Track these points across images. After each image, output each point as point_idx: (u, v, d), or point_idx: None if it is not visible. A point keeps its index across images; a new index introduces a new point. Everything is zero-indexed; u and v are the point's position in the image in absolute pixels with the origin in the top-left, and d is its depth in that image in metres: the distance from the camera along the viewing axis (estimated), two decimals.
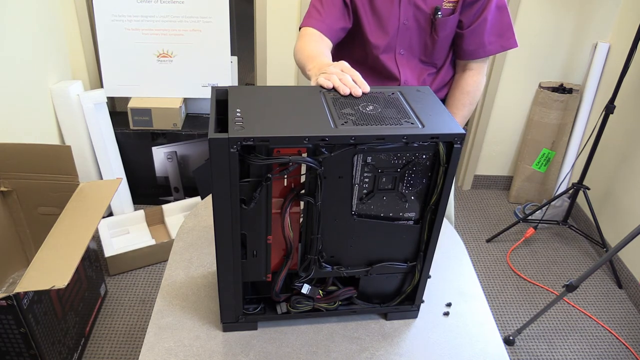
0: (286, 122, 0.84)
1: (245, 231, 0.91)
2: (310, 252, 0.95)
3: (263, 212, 0.89)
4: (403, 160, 0.88)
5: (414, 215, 0.95)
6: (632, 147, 2.39)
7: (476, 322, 1.07)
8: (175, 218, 2.50)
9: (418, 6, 1.37)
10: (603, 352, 2.05)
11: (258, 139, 0.80)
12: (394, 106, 0.92)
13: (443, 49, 1.44)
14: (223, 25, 2.41)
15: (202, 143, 2.57)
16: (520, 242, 2.63)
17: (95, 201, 1.68)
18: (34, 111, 2.18)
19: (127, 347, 1.94)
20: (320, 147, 0.83)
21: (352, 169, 0.87)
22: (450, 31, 1.40)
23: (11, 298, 1.45)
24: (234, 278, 0.95)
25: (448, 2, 1.36)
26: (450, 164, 0.88)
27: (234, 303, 0.98)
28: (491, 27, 1.39)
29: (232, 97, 0.92)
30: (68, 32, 2.46)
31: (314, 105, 0.91)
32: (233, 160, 0.81)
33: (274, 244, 0.94)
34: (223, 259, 0.92)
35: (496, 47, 1.41)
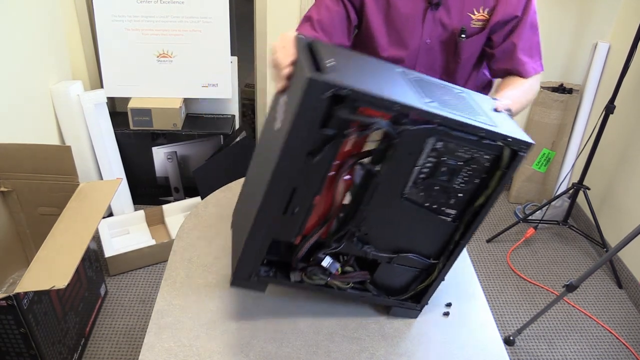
0: (377, 84, 0.83)
1: (298, 186, 0.87)
2: (350, 224, 0.93)
3: (323, 169, 0.86)
4: (467, 154, 0.88)
5: (454, 213, 0.95)
6: (632, 147, 2.38)
7: (476, 322, 1.07)
8: (175, 218, 2.50)
9: (444, 25, 1.27)
10: (603, 352, 2.05)
11: (355, 92, 0.77)
12: (465, 102, 0.93)
13: (466, 69, 1.36)
14: (223, 25, 2.41)
15: (202, 143, 2.57)
16: (521, 242, 2.62)
17: (95, 201, 1.68)
18: (34, 111, 2.18)
19: (127, 347, 1.94)
20: (403, 119, 0.82)
21: (420, 150, 0.86)
22: (474, 52, 1.32)
23: (11, 298, 1.45)
24: (267, 233, 0.90)
25: (477, 21, 1.27)
26: (509, 170, 0.88)
27: (253, 259, 0.94)
28: (523, 46, 1.28)
29: (323, 49, 0.90)
30: (68, 32, 2.46)
31: (397, 79, 0.91)
32: (322, 106, 0.78)
33: (315, 207, 0.91)
34: (266, 208, 0.87)
35: (527, 69, 1.30)
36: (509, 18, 1.25)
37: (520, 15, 1.25)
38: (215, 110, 2.69)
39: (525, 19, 1.26)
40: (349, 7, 1.29)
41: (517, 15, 1.25)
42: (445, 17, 1.26)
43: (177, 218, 2.50)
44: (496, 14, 1.25)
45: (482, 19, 1.26)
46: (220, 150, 2.51)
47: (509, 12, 1.24)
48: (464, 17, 1.26)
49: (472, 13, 1.25)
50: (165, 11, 2.37)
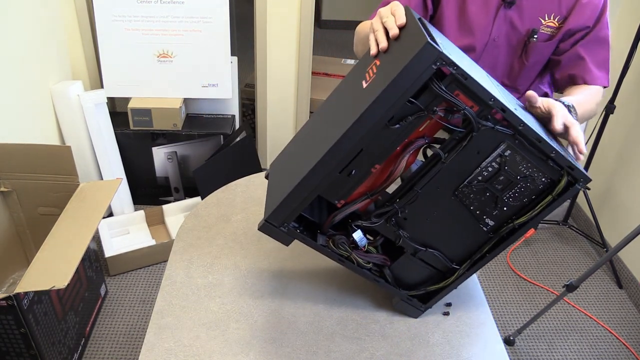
0: (475, 75, 0.83)
1: (365, 148, 0.88)
2: (397, 202, 0.93)
3: (396, 140, 0.88)
4: (528, 171, 0.89)
5: (493, 224, 0.95)
6: (632, 147, 2.38)
7: (476, 322, 1.07)
8: (175, 218, 2.50)
9: (514, 25, 1.28)
10: (603, 352, 2.05)
11: (462, 72, 0.80)
12: (535, 120, 0.93)
13: (530, 74, 1.35)
14: (223, 25, 2.41)
15: (202, 143, 2.57)
16: (520, 242, 2.63)
17: (95, 201, 1.68)
18: (34, 111, 2.18)
19: (127, 347, 1.94)
20: (488, 115, 0.84)
21: (490, 152, 0.88)
22: (542, 58, 1.31)
23: (11, 298, 1.45)
24: (317, 185, 0.90)
25: (547, 27, 1.27)
26: (561, 198, 0.89)
27: (293, 208, 0.92)
28: (591, 56, 1.27)
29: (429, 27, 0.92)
30: (68, 32, 2.46)
31: (487, 79, 0.92)
32: (427, 74, 0.79)
33: (371, 177, 0.93)
34: (326, 161, 0.87)
35: (593, 76, 1.27)
36: (581, 27, 1.25)
37: (592, 26, 1.24)
38: (215, 110, 2.69)
39: (596, 30, 1.25)
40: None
41: (588, 26, 1.25)
42: (516, 17, 1.26)
43: (177, 218, 2.50)
44: (568, 23, 1.24)
45: (552, 26, 1.26)
46: (220, 150, 2.51)
47: (581, 22, 1.24)
48: (535, 21, 1.26)
49: (544, 18, 1.26)
50: (165, 11, 2.37)
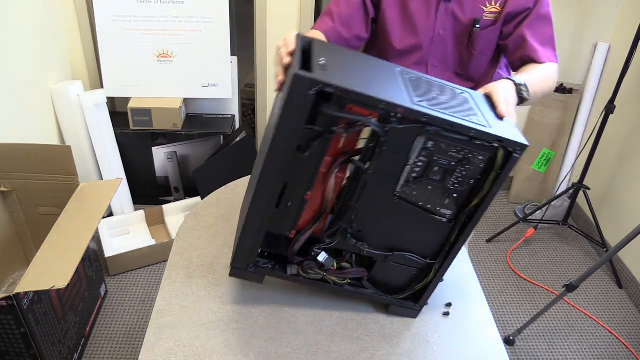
0: (367, 83, 0.85)
1: (289, 180, 0.90)
2: (341, 220, 0.94)
3: (313, 165, 0.89)
4: (460, 155, 0.88)
5: (449, 213, 0.94)
6: (632, 147, 2.38)
7: (476, 322, 1.07)
8: (176, 218, 2.50)
9: (456, 17, 1.30)
10: (603, 352, 2.05)
11: (340, 89, 0.79)
12: (463, 103, 0.93)
13: (481, 62, 1.37)
14: (223, 25, 2.41)
15: (202, 143, 2.57)
16: (521, 242, 2.62)
17: (95, 201, 1.68)
18: (34, 111, 2.18)
19: (127, 347, 1.94)
20: (391, 117, 0.83)
21: (410, 149, 0.87)
22: (489, 44, 1.33)
23: (11, 298, 1.45)
24: (260, 225, 0.93)
25: (490, 13, 1.29)
26: (504, 171, 0.87)
27: (249, 250, 0.96)
28: (534, 35, 1.29)
29: (318, 48, 0.93)
30: (68, 32, 2.46)
31: (392, 78, 0.92)
32: (308, 102, 0.80)
33: (309, 203, 0.94)
34: (258, 201, 0.90)
35: (540, 55, 1.29)
36: (521, 10, 1.27)
37: (532, 6, 1.27)
38: (215, 110, 2.69)
39: (536, 10, 1.27)
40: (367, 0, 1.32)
41: (528, 7, 1.27)
42: (458, 9, 1.28)
43: (177, 218, 2.50)
44: (508, 5, 1.26)
45: (494, 12, 1.28)
46: (220, 150, 2.51)
47: (521, 4, 1.26)
48: (477, 9, 1.28)
49: (485, 5, 1.27)
50: (165, 11, 2.37)
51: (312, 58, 0.86)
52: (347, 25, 1.34)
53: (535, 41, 1.29)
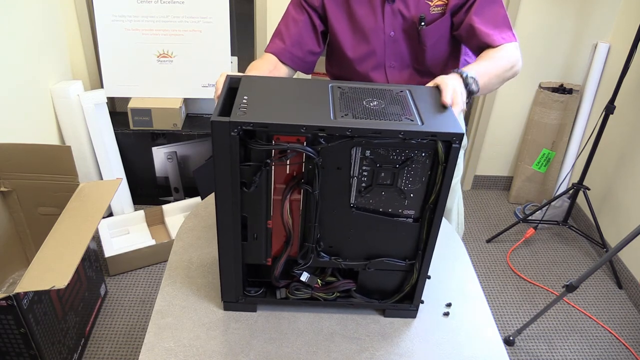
0: (289, 110, 0.87)
1: (247, 214, 0.94)
2: (308, 240, 0.97)
3: (263, 196, 0.92)
4: (402, 156, 0.88)
5: (413, 213, 0.95)
6: (632, 147, 2.39)
7: (476, 322, 1.07)
8: (175, 218, 2.50)
9: (403, 16, 1.29)
10: (603, 352, 2.05)
11: (257, 125, 0.83)
12: (399, 103, 0.93)
13: (436, 55, 1.35)
14: (223, 25, 2.41)
15: (202, 143, 2.57)
16: (520, 242, 2.62)
17: (95, 201, 1.68)
18: (34, 111, 2.18)
19: (127, 347, 1.94)
20: (318, 137, 0.85)
21: (350, 161, 0.88)
22: (440, 37, 1.32)
23: (11, 298, 1.45)
24: (235, 258, 0.98)
25: (435, 7, 1.27)
26: (449, 163, 0.87)
27: (234, 283, 1.01)
28: (484, 18, 1.26)
29: (244, 85, 0.96)
30: (68, 32, 2.46)
31: (320, 97, 0.93)
32: (234, 143, 0.85)
33: (275, 230, 0.96)
34: (224, 238, 0.96)
35: (494, 39, 1.26)
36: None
37: None
38: None
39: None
40: (313, 14, 1.33)
41: None
42: (403, 8, 1.27)
43: (177, 218, 2.50)
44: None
45: (440, 4, 1.26)
46: None
47: None
48: (422, 5, 1.27)
49: (430, 0, 1.26)
50: (165, 11, 2.37)
51: (236, 99, 0.90)
52: (298, 44, 1.34)
53: (486, 25, 1.25)
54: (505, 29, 1.27)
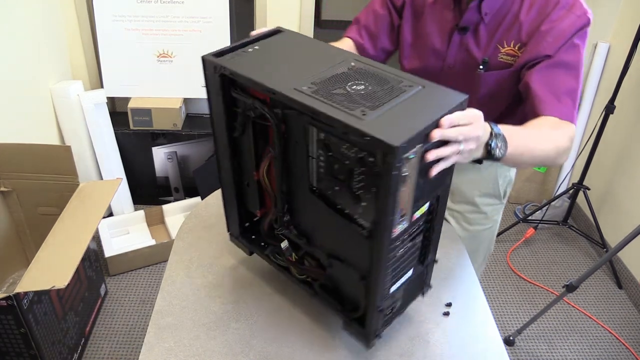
0: (273, 69, 0.85)
1: (240, 162, 0.98)
2: (277, 206, 0.97)
3: (247, 146, 0.94)
4: (352, 153, 0.76)
5: (367, 226, 0.80)
6: (632, 147, 2.38)
7: (476, 322, 1.07)
8: (175, 218, 2.50)
9: (469, 51, 1.15)
10: (603, 352, 2.05)
11: (230, 72, 0.84)
12: (383, 95, 0.77)
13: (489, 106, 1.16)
14: (223, 25, 2.41)
15: (202, 143, 2.57)
16: (521, 242, 2.62)
17: (95, 201, 1.68)
18: (34, 111, 2.18)
19: (127, 347, 1.94)
20: (277, 103, 0.83)
21: (308, 140, 0.82)
22: (498, 89, 1.16)
23: (11, 298, 1.45)
24: (232, 197, 1.04)
25: (506, 55, 1.12)
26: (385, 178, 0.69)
27: (233, 220, 1.07)
28: (542, 81, 1.07)
29: (275, 36, 0.96)
30: (68, 32, 2.46)
31: (320, 66, 0.86)
32: (215, 82, 0.89)
33: (263, 185, 0.98)
34: (222, 175, 1.02)
35: (546, 106, 1.05)
36: (540, 57, 1.08)
37: (552, 54, 1.07)
38: None
39: (557, 56, 1.07)
40: (393, 11, 1.28)
41: (549, 55, 1.07)
42: (472, 44, 1.15)
43: (177, 218, 2.50)
44: (526, 51, 1.10)
45: (511, 54, 1.12)
46: None
47: (540, 50, 1.08)
48: (492, 48, 1.14)
49: (502, 45, 1.13)
50: (165, 11, 2.37)
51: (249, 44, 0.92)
52: (373, 36, 1.29)
53: (544, 89, 1.06)
54: (568, 102, 1.06)
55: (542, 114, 1.05)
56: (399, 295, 0.89)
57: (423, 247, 0.88)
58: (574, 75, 1.08)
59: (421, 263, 0.90)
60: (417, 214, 0.80)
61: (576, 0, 1.10)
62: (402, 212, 0.76)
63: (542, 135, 1.01)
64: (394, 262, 0.82)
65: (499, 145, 0.87)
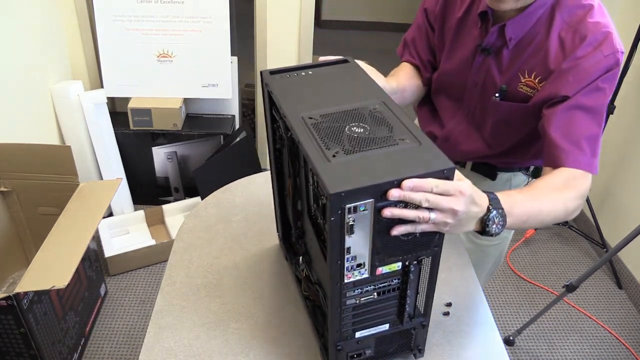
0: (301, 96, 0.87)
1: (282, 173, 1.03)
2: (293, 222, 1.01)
3: (282, 160, 1.00)
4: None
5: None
6: (632, 147, 2.38)
7: (476, 322, 1.06)
8: (175, 218, 2.50)
9: (490, 75, 1.10)
10: (603, 352, 2.05)
11: (268, 89, 0.90)
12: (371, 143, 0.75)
13: (499, 135, 1.16)
14: (223, 25, 2.41)
15: (202, 143, 2.57)
16: (520, 242, 2.62)
17: (95, 201, 1.68)
18: (34, 111, 2.18)
19: (127, 347, 1.94)
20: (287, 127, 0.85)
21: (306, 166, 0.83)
22: (510, 120, 1.11)
23: (11, 298, 1.45)
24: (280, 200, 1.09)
25: (525, 85, 1.06)
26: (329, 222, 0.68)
27: (280, 223, 1.13)
28: (560, 125, 0.99)
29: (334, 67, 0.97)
30: (68, 32, 2.46)
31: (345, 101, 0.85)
32: (265, 96, 0.95)
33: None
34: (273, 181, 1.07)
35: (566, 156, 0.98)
36: (559, 97, 1.00)
37: (570, 96, 0.99)
38: (215, 110, 2.69)
39: (576, 98, 0.98)
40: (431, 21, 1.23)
41: (568, 96, 0.99)
42: (494, 67, 1.10)
43: (177, 218, 2.50)
44: (544, 88, 1.03)
45: (531, 85, 1.05)
46: (220, 150, 2.51)
47: (560, 90, 1.00)
48: (512, 77, 1.08)
49: (523, 75, 1.06)
50: (165, 11, 2.37)
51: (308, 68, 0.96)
52: (416, 49, 1.27)
53: (561, 135, 0.98)
54: (586, 150, 0.98)
55: (559, 165, 0.99)
56: (368, 344, 0.88)
57: (401, 306, 0.85)
58: (595, 120, 0.99)
59: (400, 321, 0.87)
60: (383, 268, 0.78)
61: (607, 37, 1.00)
62: (357, 260, 0.75)
63: (550, 199, 0.94)
64: (357, 308, 0.81)
65: (496, 222, 0.82)
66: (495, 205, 0.82)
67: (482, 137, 1.22)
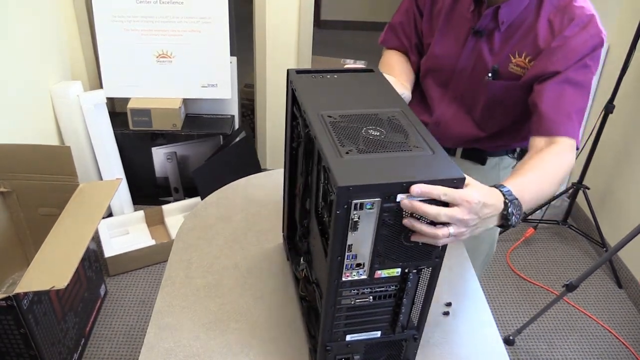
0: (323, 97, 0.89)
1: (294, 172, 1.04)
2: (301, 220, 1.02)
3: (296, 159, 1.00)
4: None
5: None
6: (632, 146, 2.39)
7: (476, 322, 1.07)
8: (175, 218, 2.50)
9: (482, 57, 1.14)
10: (603, 352, 2.06)
11: (293, 87, 0.92)
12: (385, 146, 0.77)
13: (492, 115, 1.19)
14: (223, 25, 2.41)
15: (201, 143, 2.57)
16: (520, 242, 2.63)
17: (95, 202, 1.68)
18: (34, 111, 2.18)
19: (127, 347, 1.94)
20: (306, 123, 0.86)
21: (319, 163, 0.84)
22: (501, 100, 1.16)
23: (11, 298, 1.45)
24: (289, 200, 1.09)
25: (516, 65, 1.11)
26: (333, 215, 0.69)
27: (286, 221, 1.13)
28: (550, 97, 1.05)
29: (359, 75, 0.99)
30: (68, 33, 2.46)
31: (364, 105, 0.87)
32: (289, 94, 0.96)
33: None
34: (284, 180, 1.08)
35: (557, 126, 1.03)
36: (549, 73, 1.06)
37: (561, 70, 1.05)
38: (215, 111, 2.69)
39: (566, 73, 1.04)
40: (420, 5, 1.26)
41: (558, 71, 1.05)
42: (485, 49, 1.14)
43: (177, 218, 2.50)
44: (535, 66, 1.08)
45: (521, 65, 1.11)
46: (220, 151, 2.51)
47: (549, 66, 1.06)
48: (504, 57, 1.12)
49: (514, 56, 1.11)
50: (165, 11, 2.37)
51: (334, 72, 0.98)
52: (406, 34, 1.30)
53: (552, 106, 1.04)
54: (575, 121, 1.05)
55: (550, 134, 1.04)
56: (358, 349, 0.88)
57: (395, 314, 0.85)
58: (583, 94, 1.06)
59: (392, 330, 0.87)
60: (382, 272, 0.78)
61: (592, 19, 1.05)
62: (357, 260, 0.75)
63: (549, 177, 0.99)
64: (350, 309, 0.82)
65: (515, 213, 0.85)
66: (510, 197, 0.85)
67: (473, 120, 1.25)
